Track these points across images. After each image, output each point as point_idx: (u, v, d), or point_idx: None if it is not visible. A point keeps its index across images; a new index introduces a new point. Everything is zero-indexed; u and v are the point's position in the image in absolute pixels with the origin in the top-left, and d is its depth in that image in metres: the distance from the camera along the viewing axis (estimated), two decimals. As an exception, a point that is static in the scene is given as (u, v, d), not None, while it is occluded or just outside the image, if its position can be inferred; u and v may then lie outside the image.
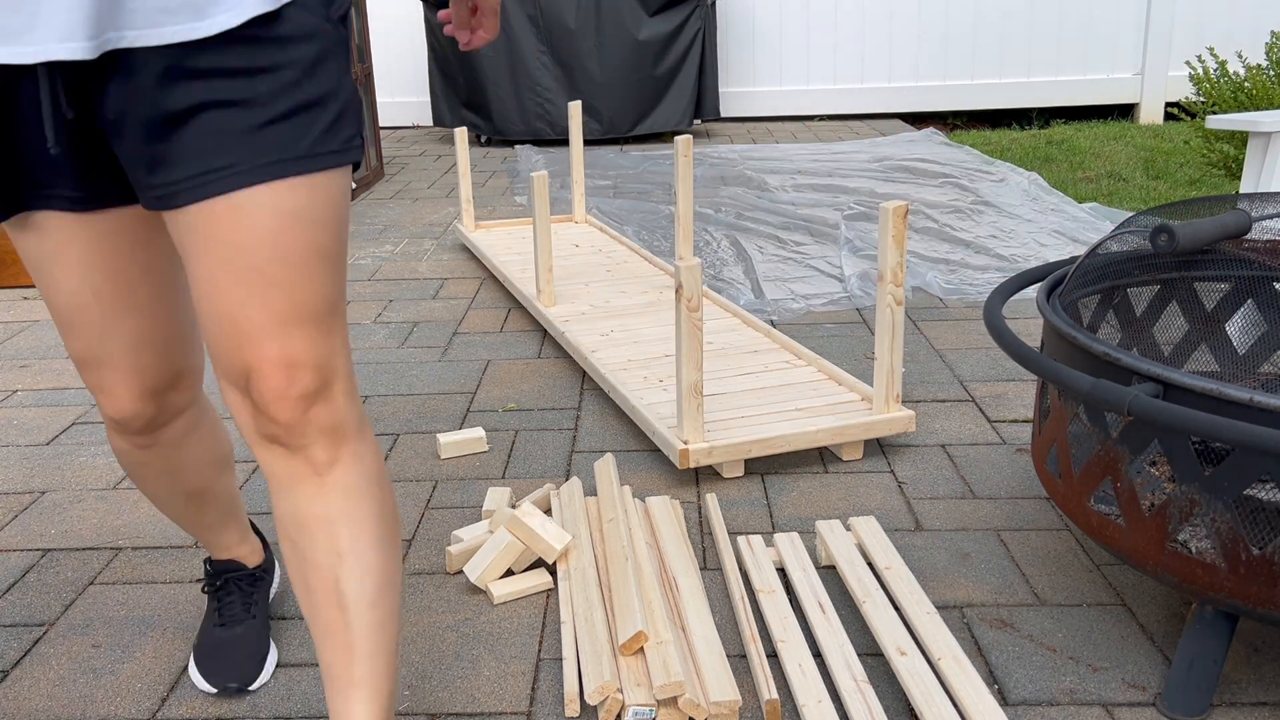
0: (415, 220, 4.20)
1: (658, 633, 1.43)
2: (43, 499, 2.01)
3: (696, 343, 1.88)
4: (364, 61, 4.86)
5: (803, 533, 1.81)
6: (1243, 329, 1.65)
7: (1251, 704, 1.37)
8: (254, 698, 1.44)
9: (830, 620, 1.51)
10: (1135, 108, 6.30)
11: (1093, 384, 1.27)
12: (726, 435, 1.99)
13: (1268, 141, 2.94)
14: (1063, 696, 1.40)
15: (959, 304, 2.98)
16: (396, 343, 2.80)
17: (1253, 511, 1.23)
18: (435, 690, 1.45)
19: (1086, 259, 1.58)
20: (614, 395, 2.24)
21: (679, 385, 1.92)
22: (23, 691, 1.47)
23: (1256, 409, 1.18)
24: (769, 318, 2.87)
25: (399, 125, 6.69)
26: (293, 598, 1.67)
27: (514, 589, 1.64)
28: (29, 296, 3.32)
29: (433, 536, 1.84)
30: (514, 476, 2.05)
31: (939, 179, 4.50)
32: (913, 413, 2.05)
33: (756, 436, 1.97)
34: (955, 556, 1.73)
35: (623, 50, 5.57)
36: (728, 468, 1.98)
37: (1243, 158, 3.89)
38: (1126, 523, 1.34)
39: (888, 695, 1.40)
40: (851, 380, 2.20)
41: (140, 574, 1.75)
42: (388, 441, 2.21)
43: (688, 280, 1.84)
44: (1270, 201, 1.54)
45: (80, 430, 2.31)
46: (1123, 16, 6.16)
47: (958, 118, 6.41)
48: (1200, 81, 4.01)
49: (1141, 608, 1.58)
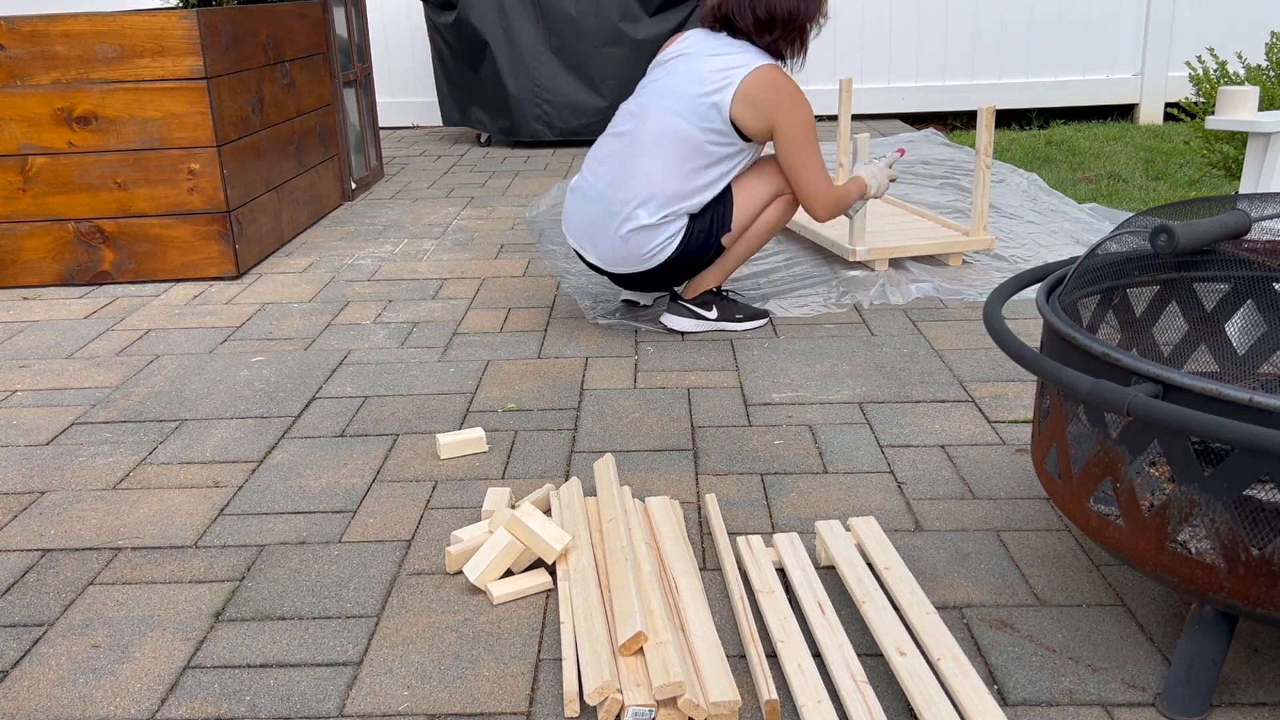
0: (415, 220, 4.20)
1: (657, 633, 1.43)
2: (42, 499, 2.01)
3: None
4: (364, 61, 4.86)
5: (802, 533, 1.81)
6: (1242, 329, 1.65)
7: (1251, 704, 1.37)
8: (254, 698, 1.44)
9: (830, 620, 1.51)
10: (1135, 108, 6.30)
11: (1092, 384, 1.27)
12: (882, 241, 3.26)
13: (1267, 142, 2.94)
14: (1062, 697, 1.40)
15: (959, 304, 2.98)
16: (396, 343, 2.80)
17: (1252, 512, 1.23)
18: (435, 690, 1.45)
19: (1086, 259, 1.58)
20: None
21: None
22: (22, 691, 1.47)
23: (1256, 409, 1.18)
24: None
25: (399, 125, 6.69)
26: (293, 597, 1.67)
27: (513, 589, 1.64)
28: (29, 297, 3.32)
29: (432, 536, 1.84)
30: (514, 476, 2.05)
31: (939, 179, 4.50)
32: (994, 237, 3.30)
33: (899, 244, 3.24)
34: (955, 557, 1.73)
35: (623, 50, 5.57)
36: (879, 263, 3.24)
37: (1242, 158, 3.89)
38: (1126, 523, 1.34)
39: (887, 695, 1.40)
40: (957, 224, 3.48)
41: (140, 574, 1.75)
42: (387, 441, 2.21)
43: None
44: (1270, 202, 1.54)
45: (80, 430, 2.31)
46: (1123, 16, 6.16)
47: (957, 118, 6.41)
48: (1200, 82, 4.00)
49: (1141, 608, 1.58)
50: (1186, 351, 1.66)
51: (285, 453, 2.18)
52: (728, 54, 2.59)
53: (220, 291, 3.31)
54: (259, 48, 3.67)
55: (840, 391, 2.39)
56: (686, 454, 2.11)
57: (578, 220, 2.71)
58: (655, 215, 2.58)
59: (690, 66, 2.60)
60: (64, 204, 3.33)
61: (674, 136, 2.56)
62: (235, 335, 2.90)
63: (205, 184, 3.33)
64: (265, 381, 2.56)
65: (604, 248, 2.67)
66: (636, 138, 2.61)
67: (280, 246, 3.81)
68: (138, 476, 2.09)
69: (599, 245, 2.68)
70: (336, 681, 1.47)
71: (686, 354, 2.65)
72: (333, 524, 1.89)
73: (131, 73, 3.23)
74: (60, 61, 3.21)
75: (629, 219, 2.59)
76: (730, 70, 2.56)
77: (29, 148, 3.27)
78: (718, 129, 2.56)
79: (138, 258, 3.39)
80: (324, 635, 1.57)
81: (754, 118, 2.56)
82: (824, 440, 2.15)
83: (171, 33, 3.20)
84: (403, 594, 1.67)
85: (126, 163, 3.31)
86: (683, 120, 2.56)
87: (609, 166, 2.65)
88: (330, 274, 3.47)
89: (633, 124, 2.63)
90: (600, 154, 2.70)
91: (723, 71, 2.56)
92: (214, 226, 3.38)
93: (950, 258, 3.32)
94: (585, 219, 2.69)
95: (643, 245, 2.61)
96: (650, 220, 2.58)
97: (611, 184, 2.62)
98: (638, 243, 2.61)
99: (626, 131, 2.65)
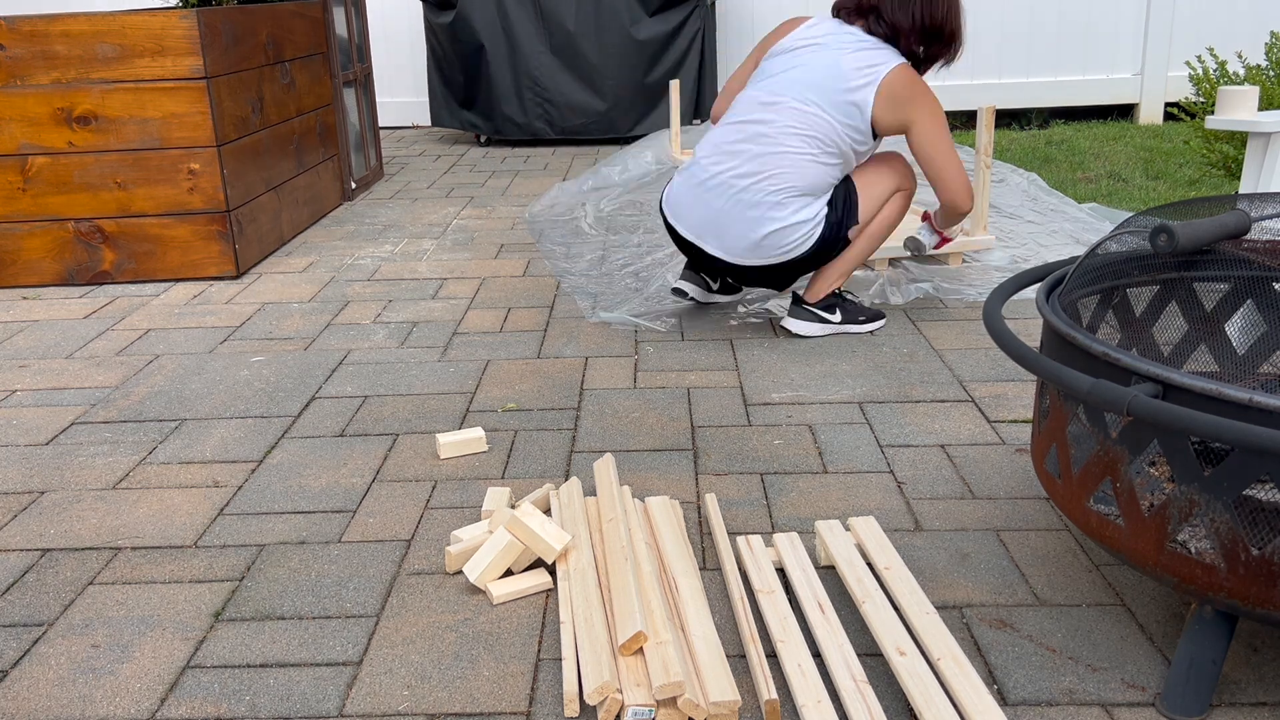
0: (415, 220, 4.20)
1: (657, 633, 1.43)
2: (42, 499, 2.01)
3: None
4: (364, 61, 4.86)
5: (802, 533, 1.81)
6: (1242, 329, 1.65)
7: (1251, 704, 1.37)
8: (254, 698, 1.44)
9: (830, 620, 1.51)
10: (1135, 108, 6.30)
11: (1092, 384, 1.27)
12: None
13: (1267, 142, 2.94)
14: (1062, 697, 1.40)
15: (959, 304, 2.98)
16: (396, 343, 2.80)
17: (1252, 512, 1.23)
18: (434, 690, 1.45)
19: (1086, 259, 1.58)
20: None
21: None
22: (22, 691, 1.47)
23: (1256, 409, 1.18)
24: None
25: (399, 125, 6.69)
26: (293, 597, 1.67)
27: (513, 589, 1.64)
28: (29, 296, 3.32)
29: (432, 536, 1.84)
30: (513, 476, 2.05)
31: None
32: (994, 236, 3.31)
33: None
34: (955, 556, 1.73)
35: (622, 50, 5.57)
36: (878, 263, 3.24)
37: (1242, 158, 3.89)
38: (1126, 523, 1.34)
39: (887, 695, 1.40)
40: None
41: (140, 574, 1.75)
42: (387, 441, 2.21)
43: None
44: (1270, 201, 1.54)
45: (80, 430, 2.31)
46: (1122, 16, 6.16)
47: (957, 118, 6.40)
48: (1200, 82, 4.00)
49: (1141, 608, 1.58)
50: (1186, 351, 1.66)
51: (285, 452, 2.18)
52: (866, 49, 2.56)
53: (220, 291, 3.31)
54: (259, 48, 3.67)
55: (840, 391, 2.39)
56: (686, 454, 2.11)
57: (699, 212, 2.64)
58: (798, 208, 2.55)
59: (827, 59, 2.56)
60: (64, 204, 3.33)
61: (815, 129, 2.53)
62: (235, 335, 2.90)
63: (205, 184, 3.33)
64: (265, 381, 2.56)
65: (734, 239, 2.61)
66: (772, 128, 2.56)
67: (280, 246, 3.81)
68: (137, 476, 2.09)
69: (727, 237, 2.61)
70: (336, 681, 1.47)
71: (686, 354, 2.65)
72: (332, 524, 1.89)
73: (131, 73, 3.23)
74: (60, 61, 3.21)
75: (771, 211, 2.55)
76: (871, 68, 2.53)
77: (29, 148, 3.27)
78: (856, 125, 2.54)
79: (138, 257, 3.39)
80: (324, 635, 1.57)
81: (892, 116, 2.55)
82: (824, 440, 2.15)
83: (171, 33, 3.20)
84: (402, 594, 1.67)
85: (126, 162, 3.31)
86: (823, 113, 2.53)
87: (741, 158, 2.58)
88: (330, 274, 3.47)
89: (766, 114, 2.58)
90: (724, 144, 2.63)
91: (864, 69, 2.53)
92: (214, 226, 3.38)
93: (950, 258, 3.32)
94: (710, 210, 2.62)
95: (784, 238, 2.57)
96: (793, 213, 2.55)
97: (746, 175, 2.57)
98: (779, 236, 2.57)
99: (758, 121, 2.59)
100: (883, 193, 2.66)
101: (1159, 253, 1.46)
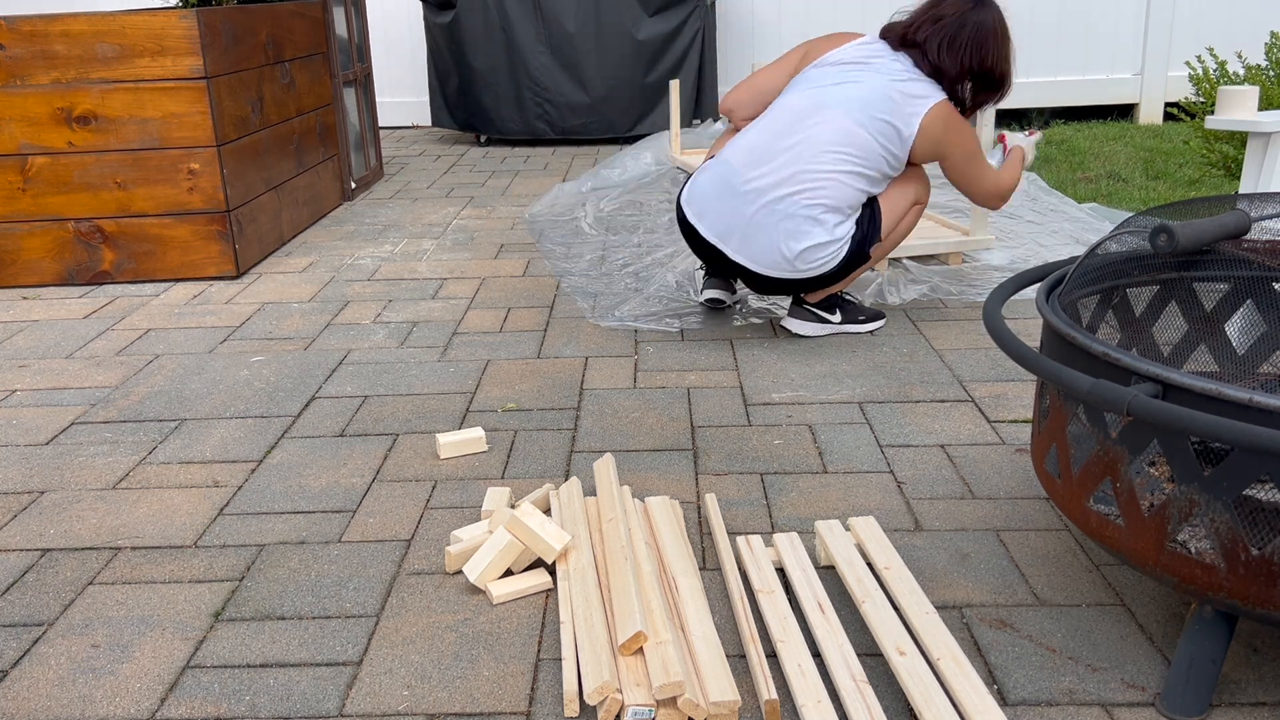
0: (415, 220, 4.20)
1: (657, 633, 1.43)
2: (42, 499, 2.01)
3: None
4: (364, 61, 4.86)
5: (802, 533, 1.81)
6: (1242, 329, 1.65)
7: (1251, 704, 1.37)
8: (254, 698, 1.44)
9: (829, 620, 1.51)
10: (1135, 108, 6.30)
11: (1092, 384, 1.27)
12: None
13: (1267, 142, 2.94)
14: (1062, 697, 1.40)
15: (959, 304, 2.98)
16: (396, 343, 2.80)
17: (1252, 512, 1.23)
18: (434, 690, 1.45)
19: (1086, 259, 1.58)
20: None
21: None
22: (22, 691, 1.47)
23: (1256, 409, 1.18)
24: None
25: (399, 125, 6.69)
26: (293, 597, 1.67)
27: (513, 589, 1.64)
28: (28, 296, 3.32)
29: (432, 536, 1.84)
30: (513, 476, 2.05)
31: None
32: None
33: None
34: (954, 556, 1.73)
35: (622, 50, 5.57)
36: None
37: (1242, 158, 3.89)
38: (1126, 523, 1.34)
39: (887, 695, 1.40)
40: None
41: (140, 574, 1.75)
42: (387, 441, 2.21)
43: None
44: (1270, 201, 1.54)
45: (80, 430, 2.31)
46: (1122, 16, 6.16)
47: (957, 118, 6.40)
48: (1200, 82, 4.00)
49: (1141, 608, 1.58)
50: (1186, 351, 1.66)
51: (285, 452, 2.18)
52: (914, 80, 2.55)
53: (220, 291, 3.31)
54: (259, 47, 3.67)
55: (840, 391, 2.39)
56: (686, 454, 2.11)
57: (726, 216, 2.59)
58: (833, 225, 2.53)
59: (876, 81, 2.54)
60: (64, 204, 3.33)
61: (855, 146, 2.51)
62: (235, 335, 2.90)
63: (205, 184, 3.33)
64: (265, 381, 2.56)
65: (761, 249, 2.56)
66: (811, 139, 2.52)
67: (280, 246, 3.81)
68: (137, 476, 2.09)
69: (754, 246, 2.57)
70: (336, 681, 1.47)
71: (686, 354, 2.65)
72: (332, 524, 1.89)
73: (131, 72, 3.23)
74: (60, 61, 3.21)
75: (804, 226, 2.52)
76: (917, 99, 2.52)
77: (29, 147, 3.27)
78: (894, 151, 2.54)
79: (137, 257, 3.39)
80: (324, 635, 1.57)
81: (929, 148, 2.56)
82: (824, 440, 2.15)
83: (171, 32, 3.20)
84: (402, 594, 1.67)
85: (126, 162, 3.31)
86: (866, 132, 2.51)
87: (773, 165, 2.54)
88: (330, 274, 3.47)
89: (803, 123, 2.55)
90: (756, 149, 2.58)
91: (911, 99, 2.52)
92: (214, 226, 3.38)
93: (950, 257, 3.32)
94: (739, 216, 2.57)
95: (816, 254, 2.54)
96: (826, 230, 2.53)
97: (781, 184, 2.53)
98: (812, 252, 2.54)
99: (797, 130, 2.55)
100: (904, 208, 2.67)
101: (1159, 253, 1.46)
